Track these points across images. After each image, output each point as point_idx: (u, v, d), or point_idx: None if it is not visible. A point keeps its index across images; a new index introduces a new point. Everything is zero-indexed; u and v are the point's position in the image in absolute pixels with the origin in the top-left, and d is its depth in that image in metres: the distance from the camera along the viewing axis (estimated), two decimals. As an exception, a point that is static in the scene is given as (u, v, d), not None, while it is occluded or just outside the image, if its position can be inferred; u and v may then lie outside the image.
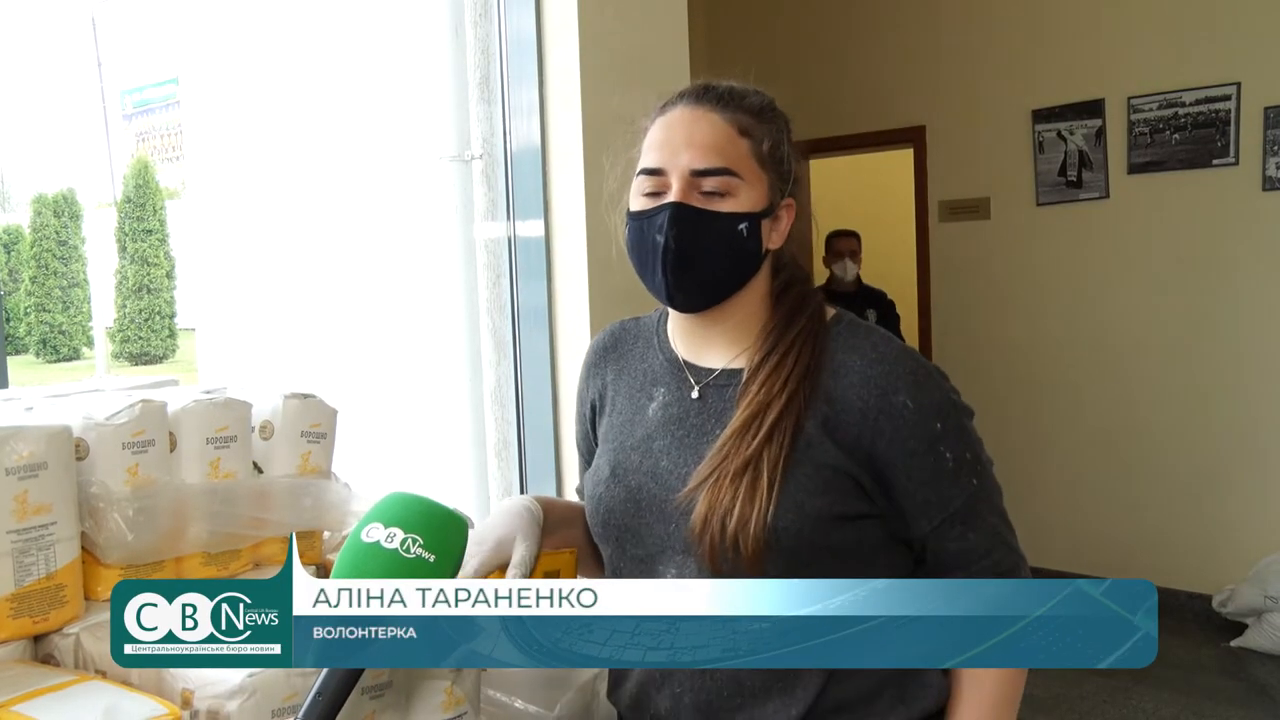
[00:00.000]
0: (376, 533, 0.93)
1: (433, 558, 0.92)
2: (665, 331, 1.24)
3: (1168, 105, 4.31)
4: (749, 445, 1.08)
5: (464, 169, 2.13)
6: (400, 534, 0.92)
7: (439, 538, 0.94)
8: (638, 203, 1.15)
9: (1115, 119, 4.45)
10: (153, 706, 1.02)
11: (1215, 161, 4.23)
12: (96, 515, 1.20)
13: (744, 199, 1.12)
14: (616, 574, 1.19)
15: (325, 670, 0.92)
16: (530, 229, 2.09)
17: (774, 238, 1.16)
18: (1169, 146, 4.33)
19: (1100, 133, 4.49)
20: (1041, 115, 4.64)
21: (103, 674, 1.13)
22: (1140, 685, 3.67)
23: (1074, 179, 4.60)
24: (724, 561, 1.07)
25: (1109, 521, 4.50)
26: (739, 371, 1.15)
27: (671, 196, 1.11)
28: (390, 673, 1.13)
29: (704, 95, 1.15)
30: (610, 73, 2.03)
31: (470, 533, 1.05)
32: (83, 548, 1.21)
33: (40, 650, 1.19)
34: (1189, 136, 4.28)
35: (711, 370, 1.17)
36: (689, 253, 1.11)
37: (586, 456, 1.31)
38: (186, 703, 1.06)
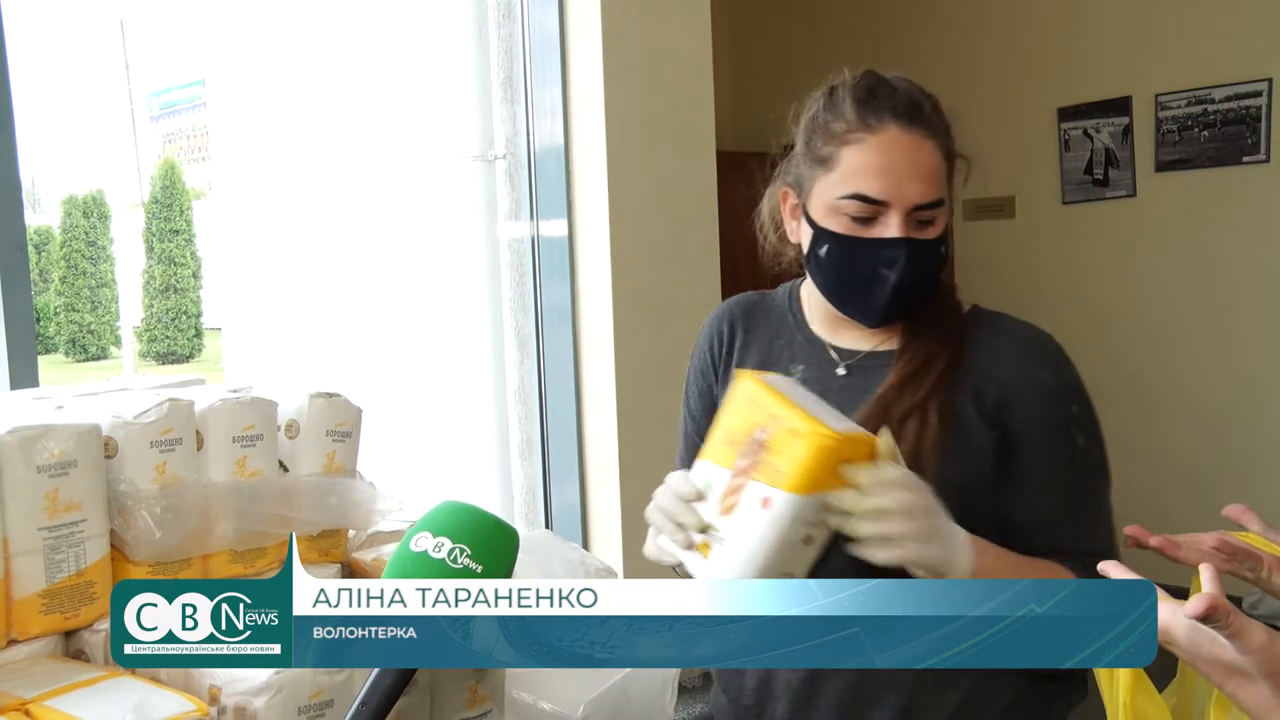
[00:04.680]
0: (425, 542, 0.92)
1: (480, 568, 0.92)
2: (800, 311, 1.25)
3: (1197, 102, 4.26)
4: (913, 395, 1.10)
5: (487, 169, 2.14)
6: (448, 543, 0.92)
7: (487, 548, 0.93)
8: (841, 224, 1.13)
9: (1143, 116, 4.41)
10: (181, 703, 1.03)
11: (1246, 159, 4.17)
12: (125, 513, 1.21)
13: (942, 220, 1.15)
14: None
15: (373, 675, 0.91)
16: (553, 228, 2.09)
17: None
18: (1198, 144, 4.28)
19: (1127, 130, 4.45)
20: (1067, 113, 4.60)
21: (132, 670, 1.15)
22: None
23: (1100, 177, 4.56)
24: None
25: (1137, 523, 4.45)
26: (885, 354, 1.17)
27: (894, 231, 1.11)
28: (416, 671, 1.13)
29: (915, 118, 1.13)
30: (634, 71, 2.03)
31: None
32: (112, 545, 1.22)
33: (71, 646, 1.21)
34: (1218, 134, 4.23)
35: (856, 351, 1.18)
36: (915, 285, 1.13)
37: (700, 421, 1.27)
38: (214, 699, 1.07)
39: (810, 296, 1.23)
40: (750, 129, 5.19)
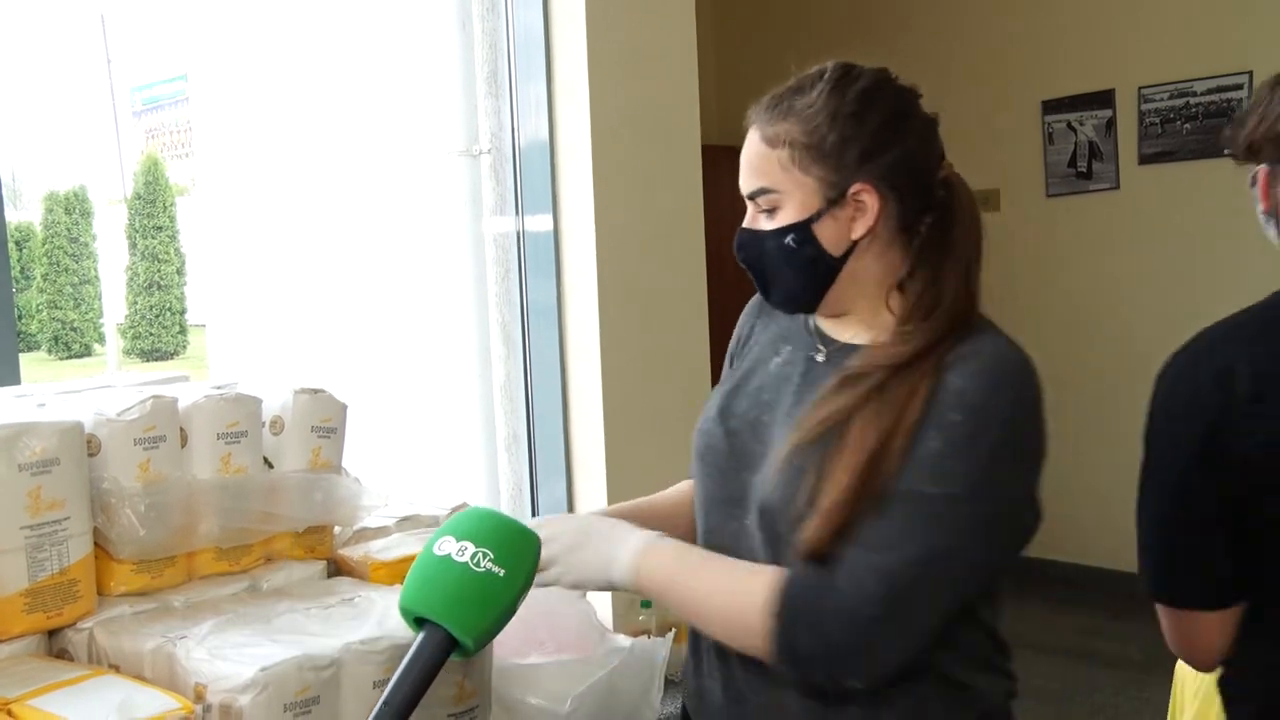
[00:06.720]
0: (448, 546, 0.93)
1: (503, 572, 0.93)
2: None
3: (1179, 95, 4.28)
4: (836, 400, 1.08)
5: (473, 164, 2.13)
6: (471, 548, 0.93)
7: (510, 552, 0.94)
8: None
9: (1126, 109, 4.43)
10: (166, 701, 1.03)
11: (1227, 151, 4.20)
12: (109, 511, 1.21)
13: (789, 210, 1.12)
14: (703, 509, 1.19)
15: (399, 670, 0.89)
16: (539, 224, 2.09)
17: (856, 227, 1.11)
18: (1180, 136, 4.31)
19: (1111, 123, 4.47)
20: (1051, 106, 4.62)
21: (116, 668, 1.14)
22: (1152, 677, 3.66)
23: (1084, 170, 4.58)
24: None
25: (1128, 517, 4.46)
26: (862, 348, 1.13)
27: (745, 221, 1.17)
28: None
29: (756, 111, 1.16)
30: (619, 66, 2.03)
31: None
32: (95, 543, 1.22)
33: (54, 645, 1.20)
34: (1200, 126, 4.25)
35: (835, 340, 1.17)
36: (760, 272, 1.16)
37: None
38: (199, 697, 1.06)
39: None
40: (736, 123, 5.18)
